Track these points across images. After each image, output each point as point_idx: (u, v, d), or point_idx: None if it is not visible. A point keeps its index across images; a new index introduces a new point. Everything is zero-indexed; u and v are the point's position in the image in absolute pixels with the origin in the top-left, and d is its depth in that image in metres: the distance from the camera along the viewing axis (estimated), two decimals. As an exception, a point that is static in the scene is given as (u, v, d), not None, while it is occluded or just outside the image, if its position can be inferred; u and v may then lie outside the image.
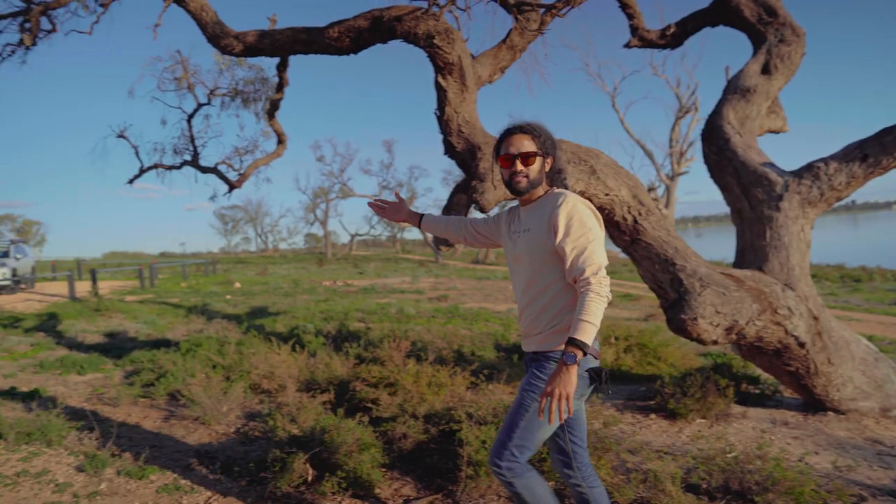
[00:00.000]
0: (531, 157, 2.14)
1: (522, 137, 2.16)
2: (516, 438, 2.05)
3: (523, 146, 2.15)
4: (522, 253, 2.19)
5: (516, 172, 2.15)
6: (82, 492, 3.26)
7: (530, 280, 2.16)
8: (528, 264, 2.17)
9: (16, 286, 17.39)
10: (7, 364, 6.88)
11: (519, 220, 2.26)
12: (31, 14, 5.57)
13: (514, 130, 2.20)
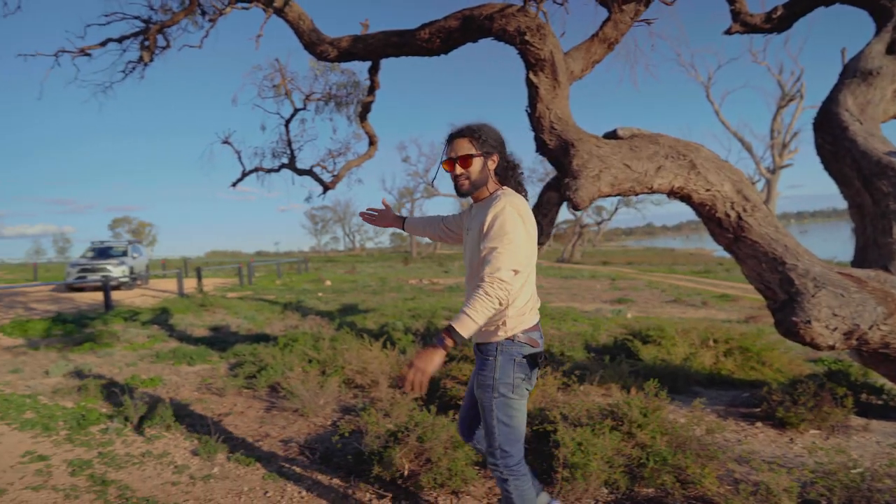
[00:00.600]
0: (468, 158, 2.22)
1: (462, 141, 2.24)
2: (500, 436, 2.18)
3: (462, 149, 2.22)
4: (466, 250, 2.32)
5: (457, 175, 2.25)
6: (197, 474, 3.50)
7: (470, 276, 2.27)
8: (468, 260, 2.29)
9: (133, 283, 18.97)
10: (129, 354, 7.51)
11: (470, 217, 2.35)
12: (150, 33, 6.05)
13: (455, 135, 2.27)
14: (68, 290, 18.32)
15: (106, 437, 4.13)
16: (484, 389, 2.20)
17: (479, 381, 2.22)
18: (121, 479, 3.43)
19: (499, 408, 2.16)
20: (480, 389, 2.22)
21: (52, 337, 9.11)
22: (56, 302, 15.00)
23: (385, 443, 3.36)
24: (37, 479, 3.45)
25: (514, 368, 2.16)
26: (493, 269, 2.01)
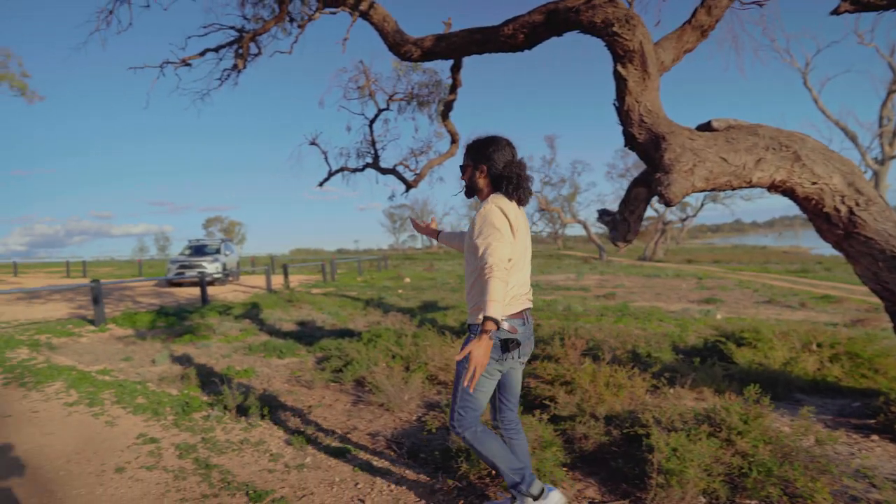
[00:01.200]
0: (465, 168, 2.69)
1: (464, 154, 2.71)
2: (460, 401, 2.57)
3: (462, 160, 2.70)
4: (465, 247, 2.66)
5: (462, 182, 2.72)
6: (291, 463, 3.64)
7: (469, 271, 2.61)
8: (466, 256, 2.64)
9: (225, 278, 20.08)
10: (224, 346, 7.94)
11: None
12: (243, 41, 6.37)
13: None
14: (169, 285, 19.64)
15: (208, 423, 4.38)
16: (461, 361, 2.50)
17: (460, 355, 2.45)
18: (222, 464, 3.63)
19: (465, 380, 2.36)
20: (459, 361, 2.52)
21: (157, 328, 9.79)
22: (158, 296, 16.11)
23: (472, 440, 3.37)
24: (150, 460, 3.72)
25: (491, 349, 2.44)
26: (492, 260, 2.31)
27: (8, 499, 3.24)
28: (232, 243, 24.05)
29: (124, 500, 3.19)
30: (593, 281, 19.21)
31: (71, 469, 3.62)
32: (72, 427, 4.41)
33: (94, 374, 6.04)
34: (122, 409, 4.80)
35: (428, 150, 8.03)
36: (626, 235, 4.95)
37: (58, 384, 5.61)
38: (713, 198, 43.39)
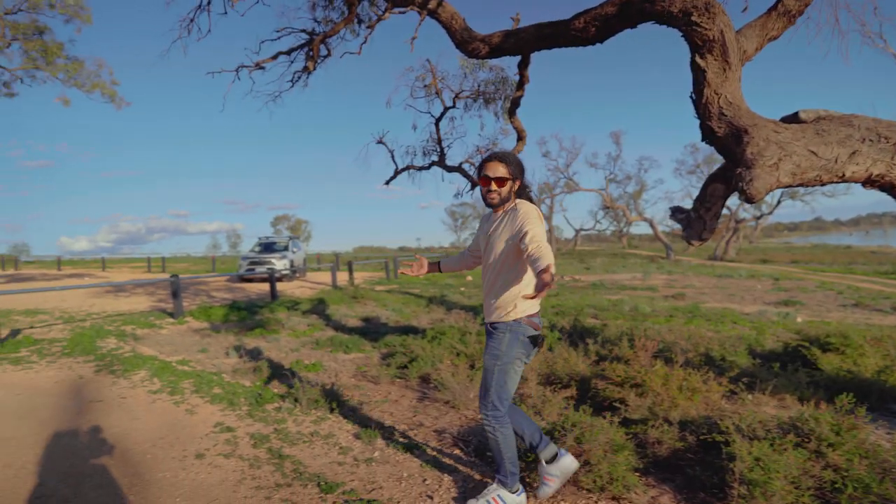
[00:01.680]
0: (503, 181, 2.82)
1: (499, 165, 2.82)
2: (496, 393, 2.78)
3: (498, 172, 2.81)
4: (492, 246, 2.85)
5: (491, 191, 2.83)
6: (360, 456, 3.70)
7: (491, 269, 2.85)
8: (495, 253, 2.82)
9: (292, 275, 20.73)
10: (292, 340, 8.18)
11: (492, 223, 2.91)
12: (314, 44, 6.52)
13: (493, 158, 2.87)
14: (240, 281, 20.44)
15: (280, 415, 4.52)
16: (491, 357, 2.79)
17: (488, 350, 2.81)
18: (294, 455, 3.73)
19: (499, 373, 2.76)
20: (488, 356, 2.81)
21: (230, 322, 10.20)
22: (231, 291, 16.80)
23: (541, 441, 3.31)
24: (226, 448, 3.87)
25: (517, 345, 2.76)
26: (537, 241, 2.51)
27: (103, 475, 3.44)
28: (299, 241, 24.79)
29: (204, 485, 3.33)
30: (661, 281, 18.61)
31: (156, 453, 3.81)
32: (156, 413, 4.65)
33: (174, 364, 6.35)
34: (201, 398, 5.02)
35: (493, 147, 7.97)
36: (701, 234, 4.75)
37: (142, 373, 5.93)
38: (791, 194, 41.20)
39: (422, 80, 7.69)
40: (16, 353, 6.94)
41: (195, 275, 17.36)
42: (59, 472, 3.51)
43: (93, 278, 23.87)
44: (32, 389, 5.38)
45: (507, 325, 2.77)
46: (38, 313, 11.21)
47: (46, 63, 12.23)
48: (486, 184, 2.84)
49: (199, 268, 34.28)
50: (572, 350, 5.91)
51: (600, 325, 8.25)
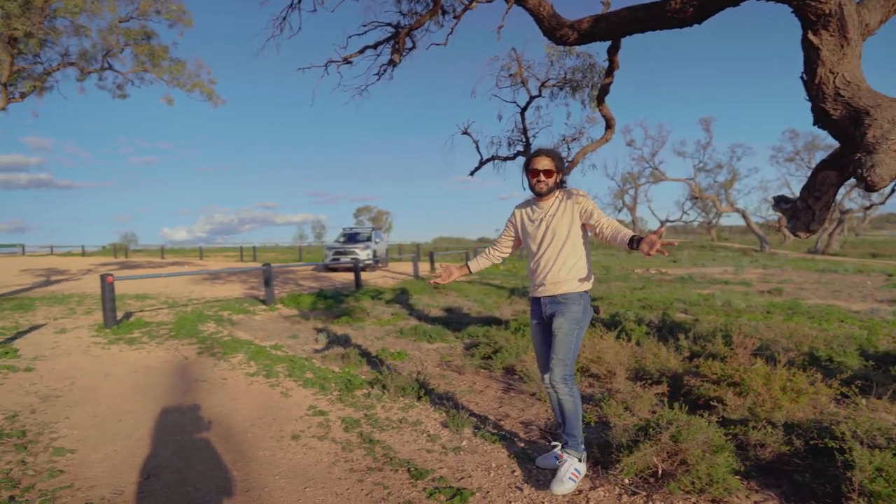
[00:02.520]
0: (551, 173, 3.15)
1: (545, 158, 3.17)
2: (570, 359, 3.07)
3: (545, 164, 3.15)
4: (546, 232, 3.20)
5: (540, 181, 3.16)
6: (448, 445, 3.74)
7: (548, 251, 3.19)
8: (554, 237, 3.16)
9: (375, 265, 21.24)
10: (377, 329, 8.38)
11: (539, 210, 3.26)
12: (399, 37, 6.60)
13: (540, 153, 3.22)
14: (325, 270, 21.17)
15: (368, 401, 4.64)
16: (572, 321, 3.06)
17: (566, 315, 3.07)
18: (384, 440, 3.83)
19: (577, 338, 3.08)
20: (567, 321, 3.06)
21: (317, 310, 10.59)
22: (317, 280, 17.43)
23: (634, 437, 3.22)
24: (320, 431, 4.02)
25: (588, 313, 3.17)
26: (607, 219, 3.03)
27: (209, 450, 3.68)
28: (381, 231, 25.35)
29: (301, 465, 3.47)
30: (755, 275, 17.58)
31: (255, 432, 4.02)
32: (253, 395, 4.91)
33: (268, 349, 6.67)
34: (294, 381, 5.25)
35: (580, 136, 7.78)
36: (808, 224, 4.43)
37: (240, 356, 6.27)
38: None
39: (507, 69, 7.60)
40: (130, 335, 7.53)
41: (283, 264, 18.15)
42: (171, 445, 3.77)
43: (192, 266, 25.52)
44: (145, 368, 5.82)
45: (579, 295, 3.12)
46: (146, 298, 12.12)
47: (153, 65, 13.13)
48: (536, 175, 3.16)
49: (287, 257, 35.84)
50: (662, 345, 5.70)
51: (691, 320, 7.90)
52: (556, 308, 3.13)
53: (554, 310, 3.14)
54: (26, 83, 12.57)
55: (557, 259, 3.15)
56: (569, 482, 2.97)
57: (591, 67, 7.22)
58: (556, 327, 3.06)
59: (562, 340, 3.04)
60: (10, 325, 8.44)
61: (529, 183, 3.23)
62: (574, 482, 2.99)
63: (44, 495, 3.04)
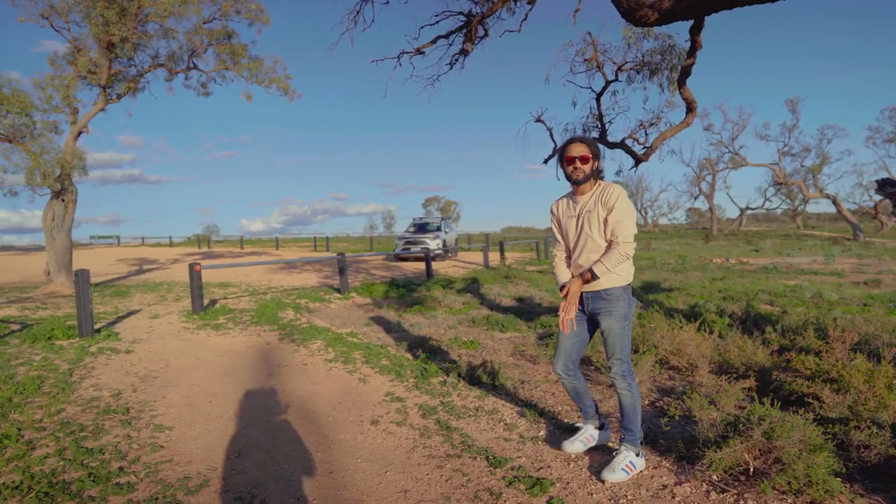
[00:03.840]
0: (586, 159, 3.10)
1: (580, 145, 3.13)
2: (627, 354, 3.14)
3: (581, 151, 3.10)
4: (579, 228, 3.18)
5: (577, 168, 3.11)
6: (526, 434, 3.72)
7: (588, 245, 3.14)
8: (584, 234, 3.14)
9: (445, 254, 21.39)
10: (449, 317, 8.44)
11: (576, 204, 3.22)
12: (471, 25, 6.56)
13: (574, 140, 3.18)
14: (396, 259, 21.53)
15: (444, 389, 4.69)
16: (620, 318, 3.08)
17: (613, 314, 3.08)
18: (461, 428, 3.85)
19: (628, 332, 3.11)
20: (615, 319, 3.07)
21: (390, 298, 10.79)
22: (388, 269, 17.76)
23: (722, 433, 3.09)
24: (398, 417, 4.10)
25: (631, 305, 3.13)
26: (623, 236, 3.01)
27: (293, 431, 3.83)
28: (450, 221, 25.49)
29: (381, 449, 3.55)
30: (848, 265, 16.45)
31: (336, 416, 4.15)
32: (333, 380, 5.06)
33: (344, 336, 6.86)
34: (371, 368, 5.37)
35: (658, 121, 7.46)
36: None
37: (318, 342, 6.48)
38: None
39: (582, 54, 7.38)
40: (216, 321, 7.94)
41: (355, 253, 18.60)
42: (259, 426, 3.95)
43: (269, 256, 26.58)
44: (231, 352, 6.12)
45: (622, 290, 3.11)
46: (228, 286, 12.74)
47: (234, 63, 13.70)
48: (572, 162, 3.11)
49: (358, 247, 36.70)
50: (747, 338, 5.44)
51: (778, 312, 7.49)
52: (600, 305, 3.13)
53: (598, 307, 3.14)
54: (121, 85, 13.42)
55: (597, 254, 3.12)
56: (621, 472, 3.01)
57: (671, 49, 6.90)
58: (607, 329, 3.10)
59: (616, 341, 3.09)
60: (110, 310, 9.09)
61: (565, 172, 3.19)
62: (627, 474, 3.01)
63: (148, 468, 3.26)
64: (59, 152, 11.90)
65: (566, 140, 3.25)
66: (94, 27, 11.75)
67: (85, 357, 5.73)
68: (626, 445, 3.11)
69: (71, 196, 12.33)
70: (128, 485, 3.04)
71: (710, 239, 35.94)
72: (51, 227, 12.16)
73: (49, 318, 8.05)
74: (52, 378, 4.97)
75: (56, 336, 6.56)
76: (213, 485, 3.07)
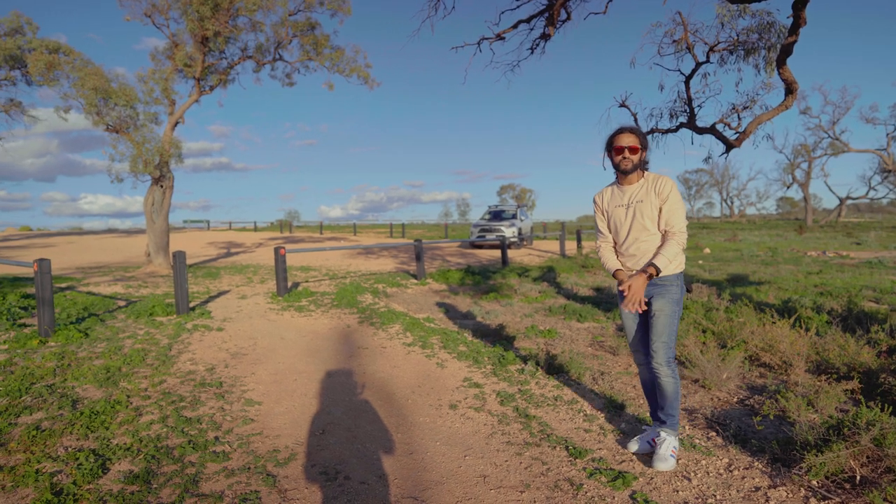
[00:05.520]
0: (636, 149, 3.09)
1: (629, 135, 3.12)
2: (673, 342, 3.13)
3: (630, 141, 3.09)
4: (630, 218, 3.15)
5: (625, 158, 3.09)
6: (606, 426, 3.64)
7: (639, 236, 3.13)
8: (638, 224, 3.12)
9: (520, 242, 21.23)
10: (525, 306, 8.38)
11: (624, 194, 3.20)
12: (554, 8, 6.40)
13: (623, 130, 3.16)
14: (471, 247, 21.59)
15: (522, 377, 4.66)
16: (673, 303, 3.07)
17: (666, 297, 3.07)
18: (540, 416, 3.82)
19: (676, 315, 3.09)
20: (668, 303, 3.07)
21: (465, 285, 10.84)
22: (463, 256, 17.83)
23: (824, 436, 2.90)
24: (476, 402, 4.12)
25: (682, 292, 3.15)
26: (679, 226, 3.05)
27: (374, 412, 3.94)
28: (526, 209, 25.24)
29: (460, 433, 3.59)
30: (967, 261, 14.94)
31: (415, 399, 4.22)
32: (411, 364, 5.15)
33: (422, 321, 6.95)
34: (448, 353, 5.42)
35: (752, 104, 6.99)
36: None
37: (396, 326, 6.61)
38: None
39: (671, 35, 7.01)
40: (298, 303, 8.26)
41: (430, 240, 18.79)
42: (341, 404, 4.09)
43: (347, 241, 27.33)
44: (313, 333, 6.35)
45: (676, 277, 3.11)
46: (309, 270, 13.21)
47: (316, 54, 14.10)
48: (621, 152, 3.09)
49: (433, 234, 37.05)
50: (849, 336, 5.06)
51: (885, 310, 6.92)
52: (654, 291, 3.12)
53: (651, 293, 3.13)
54: (213, 77, 14.14)
55: (651, 244, 3.12)
56: (671, 459, 3.04)
57: (770, 27, 6.40)
58: (658, 310, 3.08)
59: (665, 323, 3.08)
60: (202, 290, 9.66)
61: (613, 161, 3.18)
62: (674, 458, 3.07)
63: (240, 439, 3.45)
64: (159, 141, 12.70)
65: (615, 130, 3.23)
66: (190, 22, 12.41)
67: (182, 333, 6.12)
68: (668, 430, 3.14)
69: (168, 182, 13.16)
70: (223, 454, 3.22)
71: (805, 230, 33.68)
72: (151, 211, 13.04)
73: (150, 296, 8.65)
74: (154, 351, 5.35)
75: (156, 313, 7.05)
76: (300, 459, 3.20)
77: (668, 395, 3.12)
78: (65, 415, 3.70)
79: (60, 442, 3.31)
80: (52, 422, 3.58)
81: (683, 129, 7.42)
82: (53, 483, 2.78)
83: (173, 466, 3.05)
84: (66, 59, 12.15)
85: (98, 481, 2.85)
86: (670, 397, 3.12)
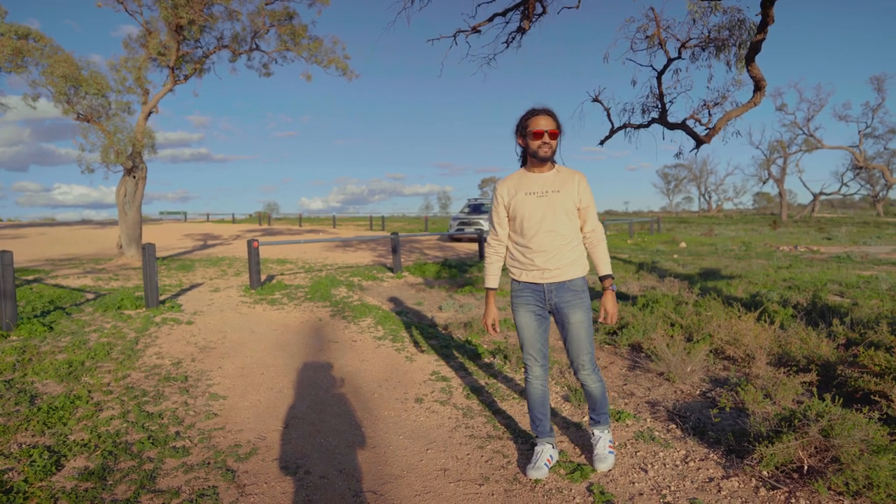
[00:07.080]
0: (555, 134, 2.82)
1: (549, 118, 2.82)
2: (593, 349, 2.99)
3: (551, 125, 2.80)
4: (545, 207, 2.84)
5: (545, 143, 2.80)
6: (570, 419, 3.69)
7: (553, 228, 2.83)
8: (552, 214, 2.83)
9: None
10: (500, 299, 8.39)
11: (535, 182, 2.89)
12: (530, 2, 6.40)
13: (541, 112, 2.84)
14: (450, 240, 21.60)
15: (490, 370, 4.69)
16: (586, 313, 2.91)
17: (580, 306, 2.89)
18: (505, 410, 3.85)
19: (591, 321, 2.94)
20: (584, 314, 2.89)
21: (441, 279, 10.84)
22: (441, 249, 17.83)
23: (776, 427, 2.96)
24: (442, 396, 4.13)
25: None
26: (599, 227, 2.93)
27: (340, 406, 3.93)
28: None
29: (423, 427, 3.60)
30: (932, 256, 15.33)
31: (382, 393, 4.22)
32: (380, 357, 5.15)
33: (394, 314, 6.95)
34: (417, 347, 5.43)
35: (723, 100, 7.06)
36: None
37: (368, 320, 6.60)
38: None
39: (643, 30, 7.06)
40: (272, 296, 8.20)
41: (410, 233, 18.76)
42: (307, 399, 4.07)
43: (326, 234, 27.17)
44: (284, 327, 6.31)
45: (583, 280, 2.95)
46: (285, 262, 13.11)
47: (294, 44, 13.94)
48: (540, 136, 2.79)
49: (413, 227, 37.00)
50: (811, 330, 5.17)
51: (848, 304, 7.08)
52: (565, 297, 2.86)
53: (563, 299, 2.86)
54: (188, 66, 13.91)
55: (564, 239, 2.84)
56: (611, 456, 3.01)
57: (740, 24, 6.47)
58: (577, 322, 2.87)
59: (585, 335, 2.91)
60: (175, 283, 9.54)
61: (530, 147, 2.83)
62: (613, 454, 3.05)
63: (202, 434, 3.42)
64: (131, 131, 12.48)
65: (528, 111, 2.88)
66: (164, 10, 12.18)
67: (150, 327, 6.04)
68: (602, 427, 3.06)
69: (141, 173, 12.94)
70: (183, 449, 3.19)
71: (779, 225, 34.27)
72: (123, 202, 12.82)
73: (119, 289, 8.52)
74: (120, 345, 5.27)
75: (125, 306, 6.94)
76: (262, 453, 3.19)
77: (598, 398, 3.00)
78: (21, 410, 3.64)
79: (14, 438, 3.25)
80: (6, 418, 3.52)
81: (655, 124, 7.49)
82: (3, 481, 2.73)
83: (131, 462, 3.02)
84: (35, 46, 11.85)
85: (51, 478, 2.80)
86: (600, 398, 3.00)
